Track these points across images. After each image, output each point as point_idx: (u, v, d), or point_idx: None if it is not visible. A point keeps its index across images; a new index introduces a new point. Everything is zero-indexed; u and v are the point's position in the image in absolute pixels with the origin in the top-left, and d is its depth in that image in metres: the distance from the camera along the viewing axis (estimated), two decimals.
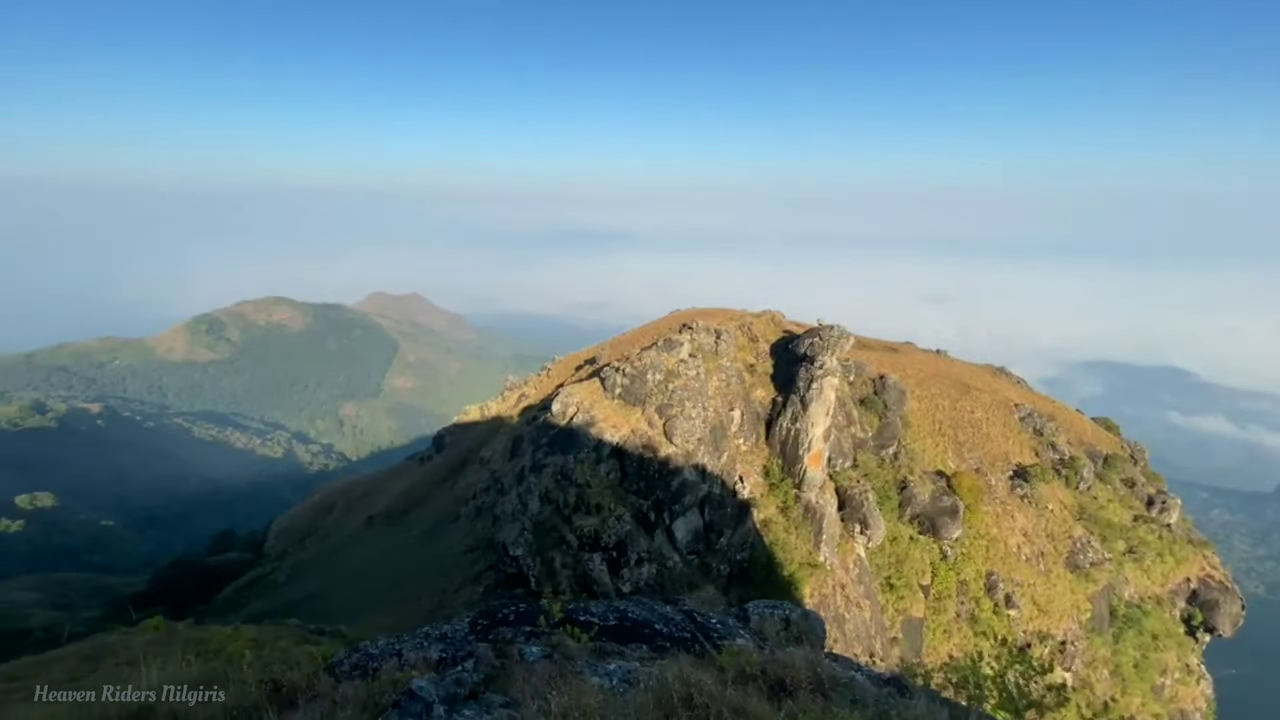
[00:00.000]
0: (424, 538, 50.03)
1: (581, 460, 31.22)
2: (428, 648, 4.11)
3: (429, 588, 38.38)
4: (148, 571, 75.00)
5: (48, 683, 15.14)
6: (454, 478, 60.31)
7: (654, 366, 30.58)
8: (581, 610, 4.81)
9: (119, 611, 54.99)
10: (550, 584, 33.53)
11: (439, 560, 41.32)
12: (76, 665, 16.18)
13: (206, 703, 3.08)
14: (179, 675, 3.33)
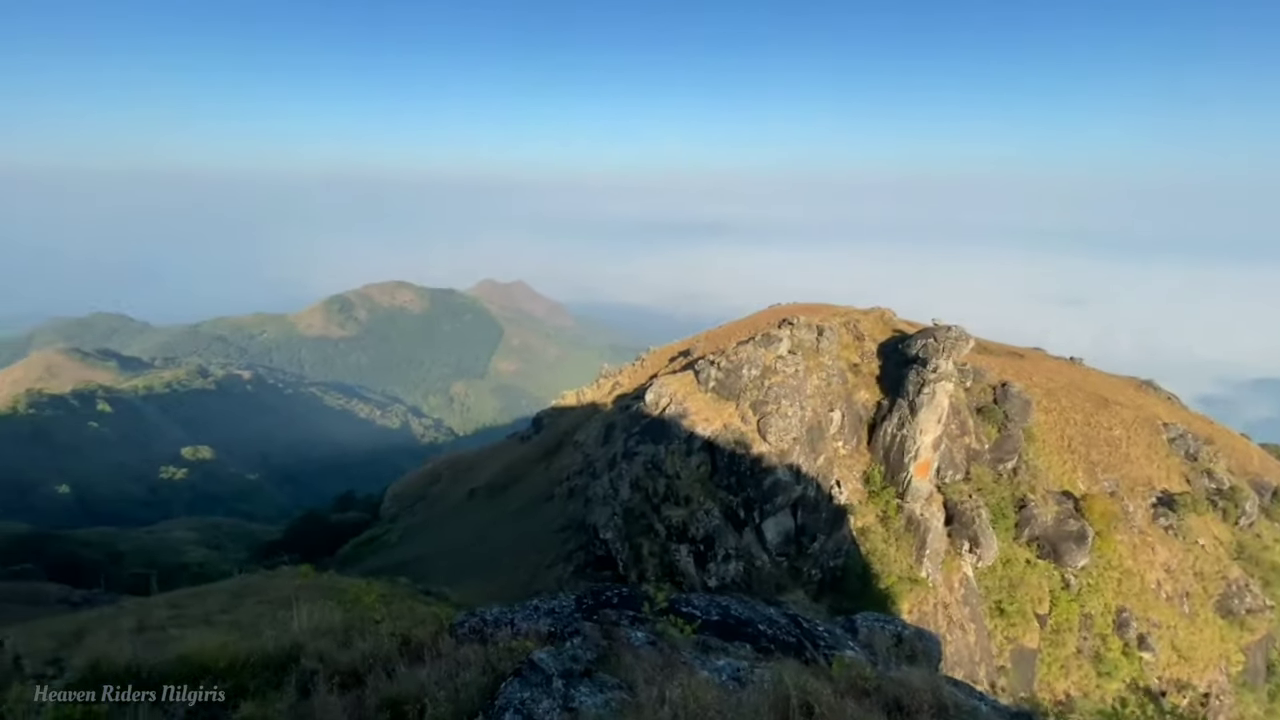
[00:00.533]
0: (520, 513, 52.39)
1: (672, 451, 31.31)
2: (537, 620, 4.26)
3: (524, 561, 40.09)
4: (283, 522, 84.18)
5: (204, 613, 17.52)
6: (549, 458, 62.61)
7: (750, 361, 30.00)
8: (683, 602, 4.79)
9: (260, 555, 62.31)
10: (637, 570, 33.99)
11: (533, 536, 43.09)
12: (226, 600, 18.60)
13: (348, 648, 3.36)
14: (324, 622, 3.65)
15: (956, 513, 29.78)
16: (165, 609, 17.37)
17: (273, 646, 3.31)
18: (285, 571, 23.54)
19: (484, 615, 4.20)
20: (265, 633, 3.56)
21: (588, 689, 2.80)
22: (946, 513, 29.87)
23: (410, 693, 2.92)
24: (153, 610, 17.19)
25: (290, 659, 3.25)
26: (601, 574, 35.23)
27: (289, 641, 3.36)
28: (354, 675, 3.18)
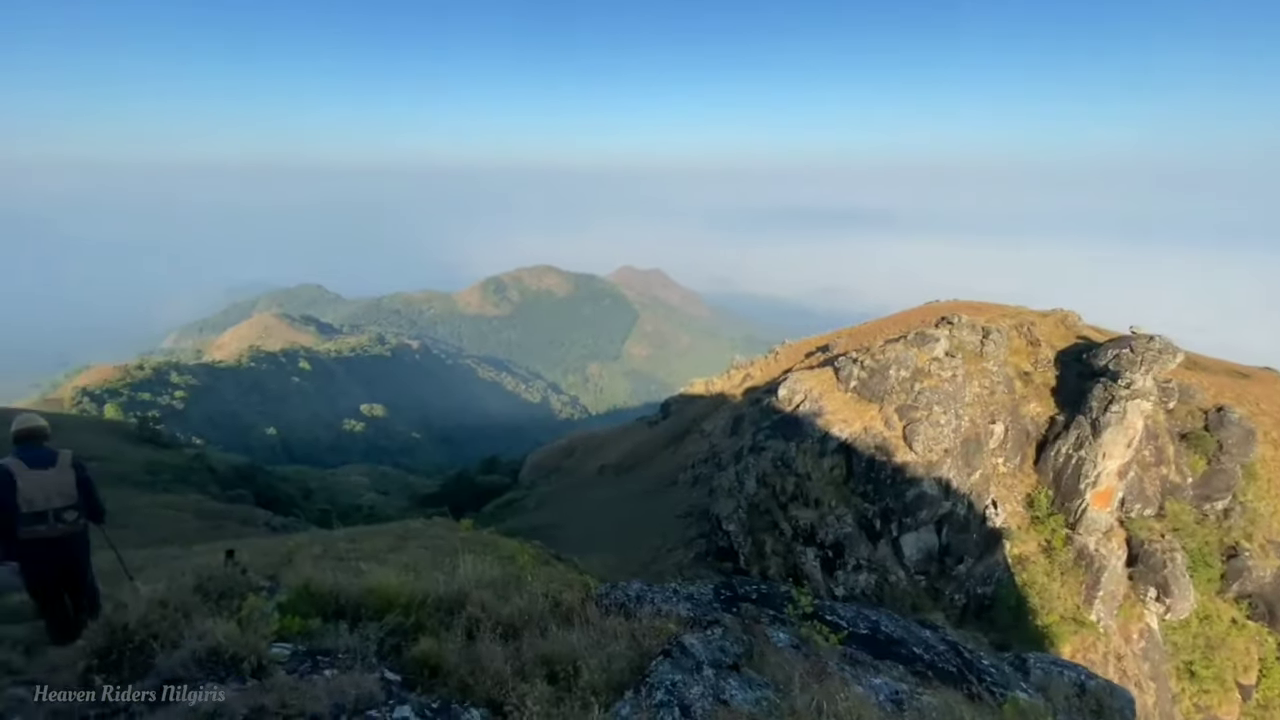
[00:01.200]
0: (644, 494, 53.64)
1: (804, 450, 30.17)
2: (677, 604, 4.25)
3: (645, 541, 41.04)
4: (438, 478, 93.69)
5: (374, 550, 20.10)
6: (676, 444, 63.31)
7: (899, 361, 27.88)
8: (828, 609, 4.53)
9: (418, 504, 69.97)
10: (759, 566, 33.50)
11: (656, 518, 43.93)
12: (393, 541, 21.21)
13: (506, 602, 3.58)
14: (484, 574, 3.92)
15: (1143, 553, 25.60)
16: (345, 542, 20.24)
17: (443, 590, 3.61)
18: (440, 522, 26.30)
19: (625, 590, 4.28)
20: (434, 576, 3.90)
21: (737, 683, 2.72)
22: (1129, 552, 25.81)
23: (562, 653, 3.03)
24: (335, 542, 20.13)
25: (457, 604, 3.53)
26: (722, 565, 35.09)
27: (456, 588, 3.65)
28: (511, 628, 3.38)
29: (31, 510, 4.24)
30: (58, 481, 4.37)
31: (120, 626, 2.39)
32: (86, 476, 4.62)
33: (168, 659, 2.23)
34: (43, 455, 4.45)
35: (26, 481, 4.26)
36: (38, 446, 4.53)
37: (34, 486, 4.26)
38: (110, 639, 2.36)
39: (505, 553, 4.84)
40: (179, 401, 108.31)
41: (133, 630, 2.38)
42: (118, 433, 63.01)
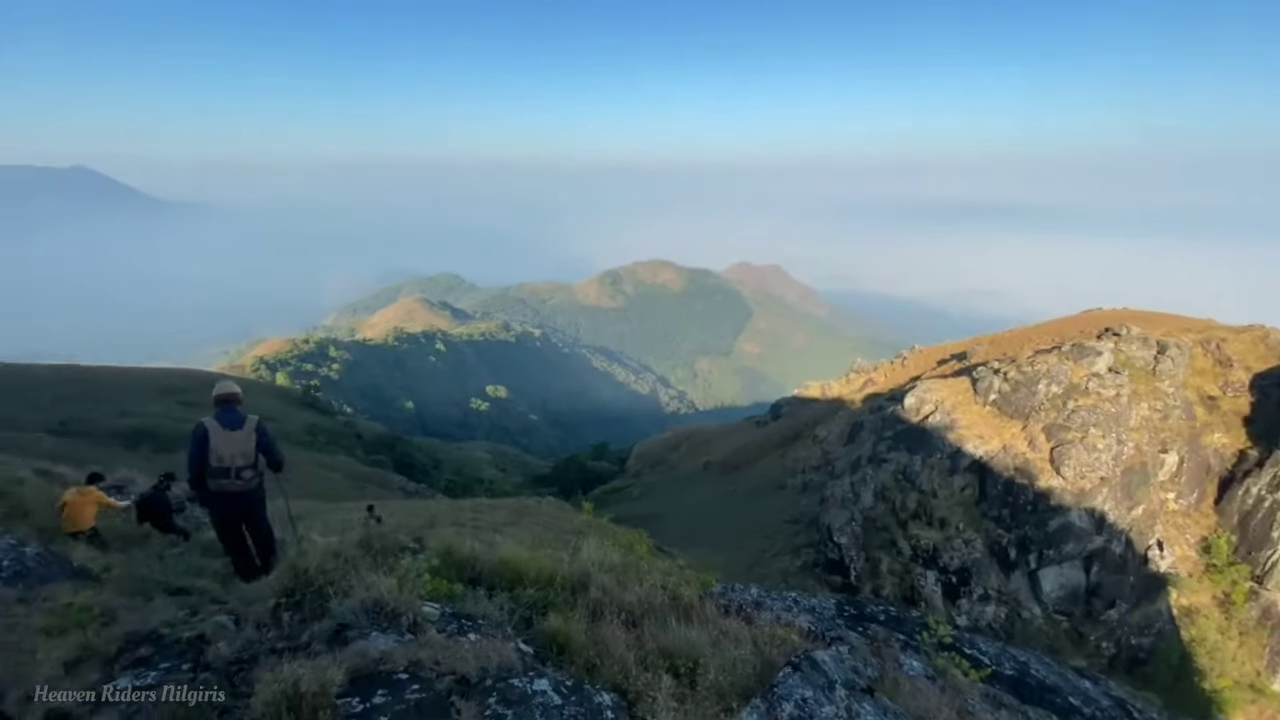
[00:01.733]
0: (750, 495, 52.63)
1: (931, 465, 28.05)
2: (797, 614, 4.08)
3: (749, 543, 40.34)
4: (551, 460, 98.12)
5: (494, 522, 21.50)
6: (786, 447, 61.43)
7: (1051, 375, 25.02)
8: (967, 641, 4.13)
9: (532, 483, 73.82)
10: (871, 583, 31.73)
11: (761, 521, 42.99)
12: (510, 515, 22.61)
13: (625, 589, 3.62)
14: (606, 559, 3.99)
15: None
16: (470, 511, 21.89)
17: (568, 570, 3.72)
18: (552, 502, 27.67)
19: (743, 593, 4.18)
20: (559, 556, 4.03)
21: (872, 709, 2.54)
22: None
23: (683, 649, 3.01)
24: (461, 510, 21.84)
25: (581, 585, 3.62)
26: (831, 578, 33.64)
27: (580, 569, 3.74)
28: (631, 616, 3.40)
29: (219, 465, 4.92)
30: (242, 443, 5.03)
31: (302, 571, 2.73)
32: (267, 441, 5.28)
33: (340, 605, 2.51)
34: (234, 418, 5.15)
35: (218, 439, 4.94)
36: (232, 410, 5.23)
37: (223, 445, 4.95)
38: (294, 580, 2.71)
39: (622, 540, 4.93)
40: (335, 373, 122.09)
41: (312, 575, 2.71)
42: (286, 397, 72.39)
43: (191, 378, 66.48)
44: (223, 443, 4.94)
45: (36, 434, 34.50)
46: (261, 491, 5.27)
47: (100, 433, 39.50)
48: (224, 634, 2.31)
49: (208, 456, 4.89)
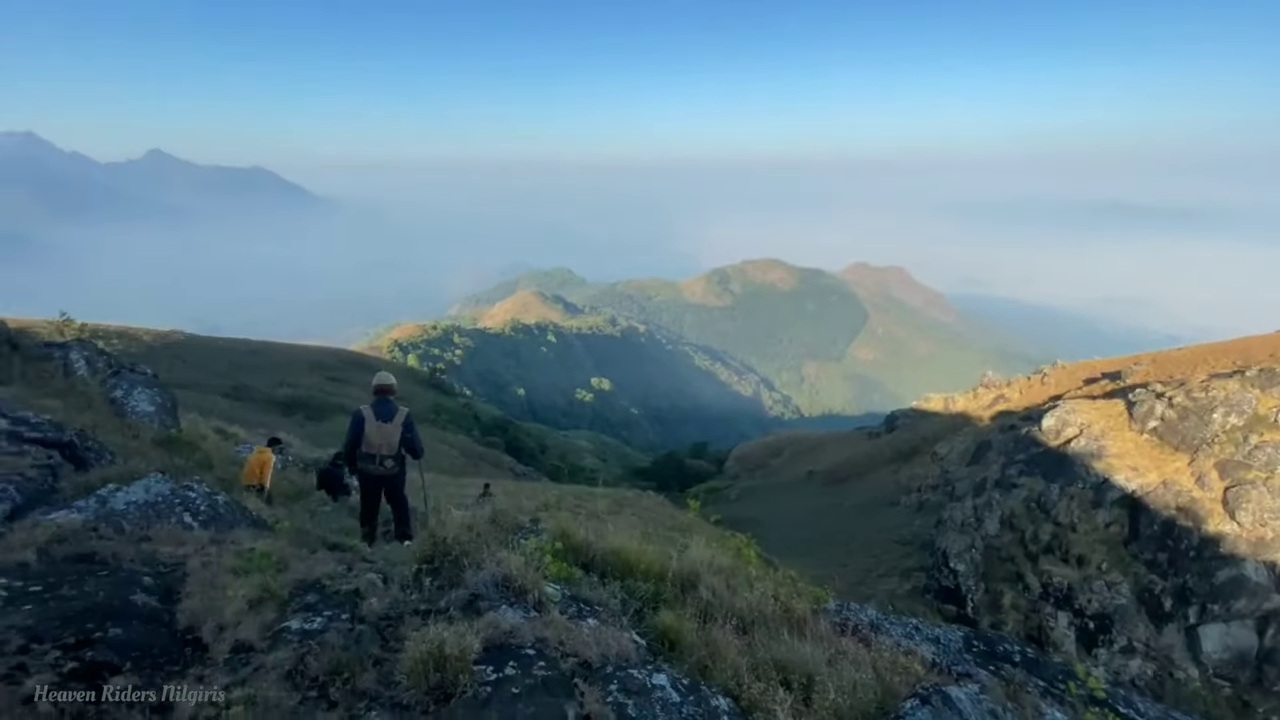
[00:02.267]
0: (857, 511, 50.19)
1: (1071, 495, 25.25)
2: (918, 642, 3.80)
3: (854, 562, 38.55)
4: (650, 455, 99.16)
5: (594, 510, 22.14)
6: (900, 462, 57.92)
7: (1231, 404, 21.58)
8: (1122, 699, 3.64)
9: (630, 475, 75.11)
10: (990, 617, 29.45)
11: (868, 538, 40.93)
12: (610, 505, 23.19)
13: (734, 593, 3.54)
14: (712, 561, 3.93)
15: None
16: (572, 497, 22.76)
17: (677, 566, 3.71)
18: (650, 496, 28.06)
19: (858, 612, 3.96)
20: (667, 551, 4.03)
21: None
22: None
23: (795, 662, 2.89)
24: (565, 496, 22.77)
25: (689, 583, 3.60)
26: (944, 607, 31.51)
27: (689, 567, 3.72)
28: (741, 621, 3.33)
29: (368, 452, 5.60)
30: (389, 434, 5.64)
31: (440, 540, 2.95)
32: (411, 436, 5.87)
33: (474, 576, 2.68)
34: (388, 410, 5.77)
35: (371, 428, 5.59)
36: (387, 401, 5.85)
37: (374, 435, 5.61)
38: (433, 549, 2.93)
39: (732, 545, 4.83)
40: (457, 358, 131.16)
41: (449, 545, 2.92)
42: (415, 378, 78.77)
43: (337, 355, 74.25)
44: (374, 433, 5.55)
45: (214, 397, 40.16)
46: (402, 475, 5.86)
47: (263, 399, 45.17)
48: (375, 590, 2.54)
49: (360, 442, 5.51)
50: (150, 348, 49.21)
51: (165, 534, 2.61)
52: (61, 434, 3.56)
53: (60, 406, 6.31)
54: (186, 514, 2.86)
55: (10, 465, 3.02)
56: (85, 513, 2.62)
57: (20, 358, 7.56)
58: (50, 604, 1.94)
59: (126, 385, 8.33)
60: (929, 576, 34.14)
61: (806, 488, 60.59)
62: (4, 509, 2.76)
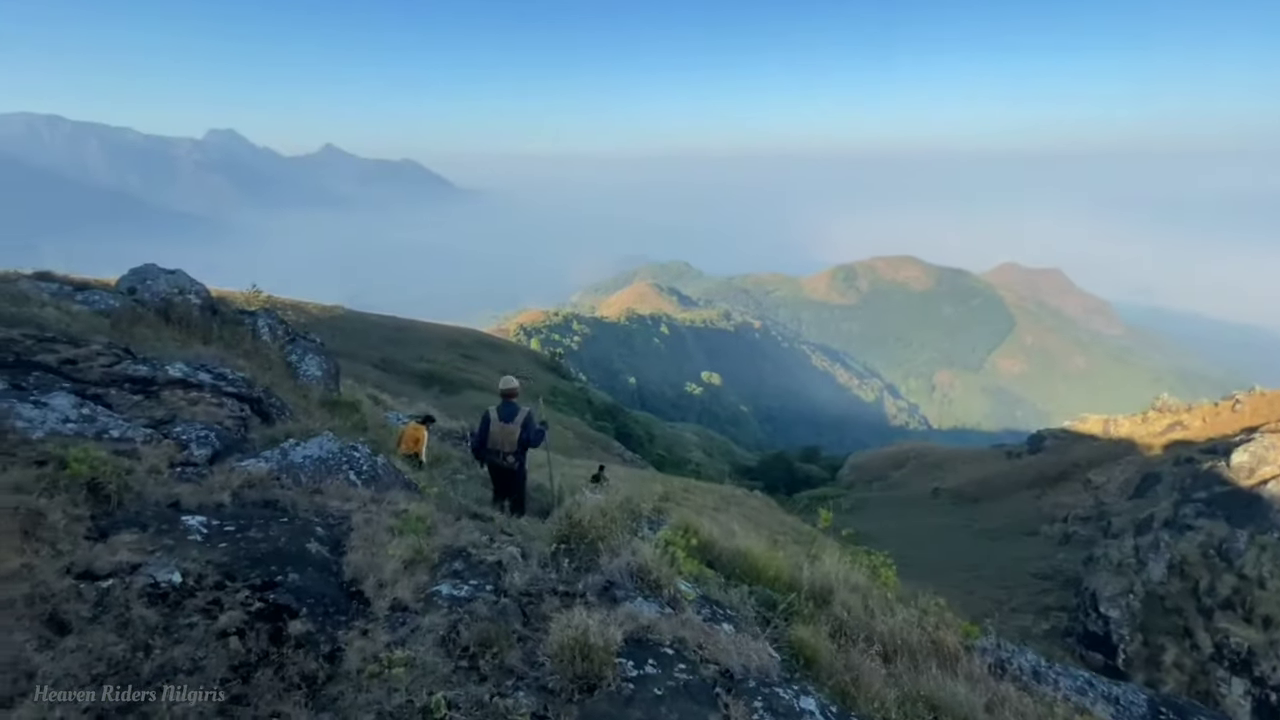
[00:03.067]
0: (988, 536, 46.11)
1: (1261, 545, 21.55)
2: (1092, 700, 3.28)
3: (981, 590, 35.44)
4: (757, 454, 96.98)
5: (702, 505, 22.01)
6: (1044, 487, 52.40)
7: None
8: None
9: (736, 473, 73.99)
10: (1145, 674, 26.04)
11: (1000, 567, 37.45)
12: (717, 501, 22.94)
13: (872, 615, 3.24)
14: (847, 576, 3.64)
15: None
16: (680, 489, 22.81)
17: (809, 577, 3.47)
18: (759, 496, 27.42)
19: (1017, 654, 3.49)
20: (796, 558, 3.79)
21: None
22: None
23: (948, 702, 2.58)
24: (673, 487, 22.88)
25: (822, 598, 3.34)
26: (1088, 654, 28.32)
27: (821, 580, 3.46)
28: (882, 647, 3.03)
29: (491, 448, 6.46)
30: (509, 434, 6.41)
31: (576, 522, 2.97)
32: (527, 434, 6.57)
33: (610, 563, 2.66)
34: (510, 411, 6.54)
35: (495, 429, 6.41)
36: (510, 404, 6.59)
37: (497, 434, 6.42)
38: (569, 529, 2.96)
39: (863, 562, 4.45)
40: (575, 344, 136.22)
41: (585, 528, 2.93)
42: (537, 360, 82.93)
43: (471, 335, 79.98)
44: (497, 432, 6.37)
45: (366, 366, 44.79)
46: (522, 470, 6.63)
47: (405, 372, 49.69)
48: (515, 564, 2.59)
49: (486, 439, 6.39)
50: (316, 319, 55.92)
51: (334, 488, 2.87)
52: (251, 390, 4.09)
53: (248, 366, 7.27)
54: (351, 472, 3.14)
55: (212, 415, 3.51)
56: (270, 463, 2.95)
57: (219, 321, 8.86)
58: (241, 544, 2.16)
59: (300, 351, 9.49)
60: (1072, 618, 30.93)
61: (931, 505, 56.42)
62: (206, 453, 3.23)
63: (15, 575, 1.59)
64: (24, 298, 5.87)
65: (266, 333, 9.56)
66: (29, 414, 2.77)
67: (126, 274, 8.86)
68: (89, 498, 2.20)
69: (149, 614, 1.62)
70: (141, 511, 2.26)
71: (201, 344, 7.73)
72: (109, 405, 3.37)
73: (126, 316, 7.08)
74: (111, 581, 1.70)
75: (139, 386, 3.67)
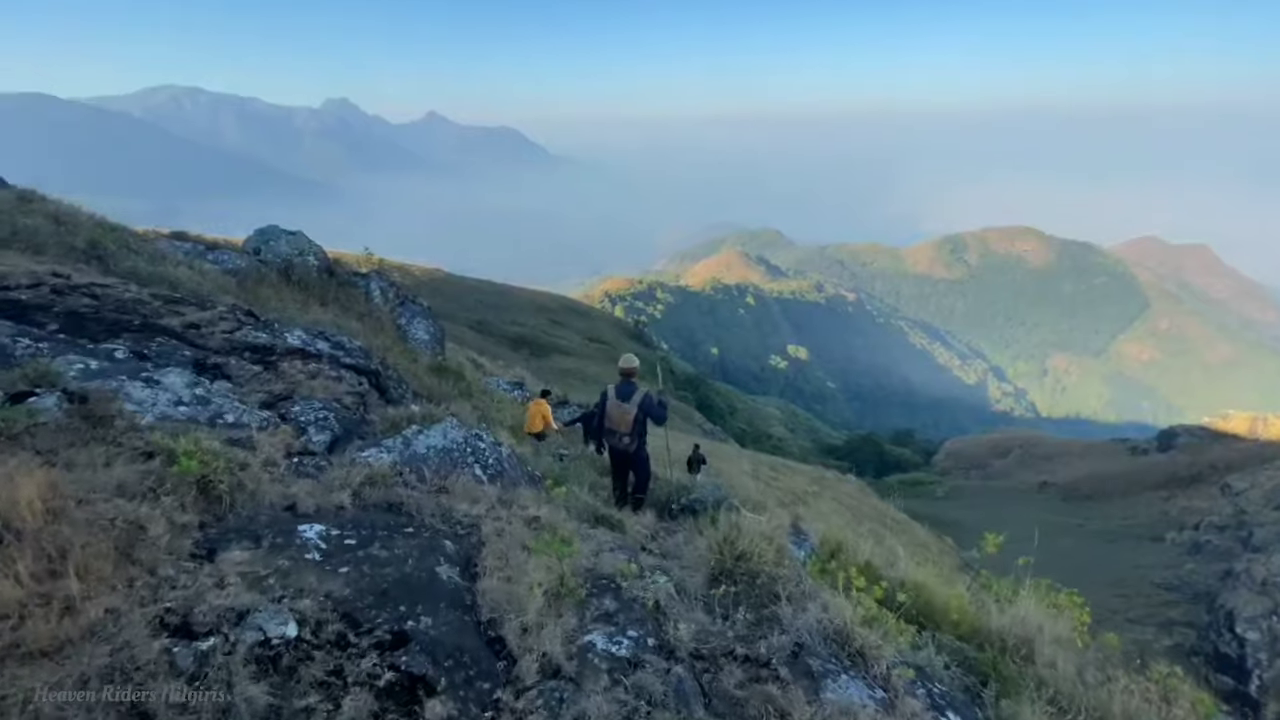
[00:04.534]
0: (1103, 538, 42.38)
1: None
2: None
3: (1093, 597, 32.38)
4: (844, 433, 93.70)
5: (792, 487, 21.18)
6: (1174, 489, 47.43)
7: None
8: None
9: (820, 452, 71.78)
10: None
11: (1117, 574, 34.30)
12: (808, 483, 21.98)
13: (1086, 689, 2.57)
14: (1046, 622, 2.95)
15: None
16: (767, 468, 22.00)
17: (999, 623, 2.83)
18: (853, 481, 26.06)
19: None
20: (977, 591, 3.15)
21: None
22: None
23: None
24: (760, 465, 22.13)
25: (1018, 651, 2.70)
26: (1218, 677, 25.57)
27: (1019, 630, 2.80)
28: None
29: (609, 428, 6.20)
30: (626, 413, 6.13)
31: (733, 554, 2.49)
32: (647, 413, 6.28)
33: (794, 618, 2.16)
34: (629, 391, 6.24)
35: (612, 407, 6.15)
36: (629, 383, 6.30)
37: (614, 413, 6.14)
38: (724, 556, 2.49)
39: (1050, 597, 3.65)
40: (658, 313, 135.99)
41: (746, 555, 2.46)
42: (620, 327, 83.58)
43: (559, 301, 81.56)
44: (614, 411, 6.10)
45: (462, 328, 46.70)
46: (641, 450, 6.35)
47: (498, 334, 51.44)
48: (674, 606, 2.17)
49: (604, 419, 6.15)
50: (419, 282, 58.84)
51: (460, 487, 2.57)
52: (369, 361, 3.96)
53: (361, 329, 7.38)
54: (477, 465, 2.85)
55: (331, 390, 3.34)
56: (392, 453, 2.71)
57: (335, 283, 9.11)
58: (364, 568, 1.85)
59: (409, 315, 9.64)
60: (1201, 636, 28.17)
61: (1036, 499, 52.69)
62: (325, 439, 3.04)
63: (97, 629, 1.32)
64: (161, 257, 6.12)
65: (378, 295, 9.77)
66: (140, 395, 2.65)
67: (252, 235, 9.25)
68: (198, 499, 1.95)
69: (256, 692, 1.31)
70: (255, 517, 2.00)
71: (319, 305, 7.95)
72: (228, 376, 3.26)
73: (252, 276, 7.35)
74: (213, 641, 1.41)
75: (258, 356, 3.57)
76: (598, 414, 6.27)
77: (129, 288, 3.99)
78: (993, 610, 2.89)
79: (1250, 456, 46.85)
